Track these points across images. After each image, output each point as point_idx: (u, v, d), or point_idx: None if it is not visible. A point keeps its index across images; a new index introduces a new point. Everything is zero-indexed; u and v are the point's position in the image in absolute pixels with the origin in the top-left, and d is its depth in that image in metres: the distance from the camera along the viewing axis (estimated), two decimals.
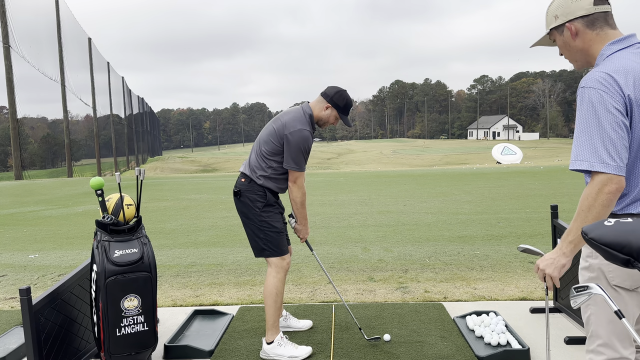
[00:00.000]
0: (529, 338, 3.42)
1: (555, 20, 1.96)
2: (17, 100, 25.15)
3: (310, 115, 3.24)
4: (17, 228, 9.34)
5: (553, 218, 3.90)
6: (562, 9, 1.93)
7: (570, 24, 1.92)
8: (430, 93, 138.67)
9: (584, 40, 1.92)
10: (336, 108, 3.26)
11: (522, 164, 31.73)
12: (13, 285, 5.31)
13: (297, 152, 3.13)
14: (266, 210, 3.22)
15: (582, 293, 1.83)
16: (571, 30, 1.92)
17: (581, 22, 1.90)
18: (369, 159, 58.13)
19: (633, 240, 1.73)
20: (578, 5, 1.89)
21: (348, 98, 3.28)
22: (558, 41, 2.01)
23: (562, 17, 1.94)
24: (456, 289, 4.67)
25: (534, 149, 61.16)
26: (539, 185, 14.32)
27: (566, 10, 1.92)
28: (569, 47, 1.97)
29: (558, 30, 1.98)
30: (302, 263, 5.73)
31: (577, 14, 1.90)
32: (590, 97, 1.76)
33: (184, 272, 5.59)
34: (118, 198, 3.08)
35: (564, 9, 1.93)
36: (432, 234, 7.43)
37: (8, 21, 24.35)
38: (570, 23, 1.92)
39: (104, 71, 43.95)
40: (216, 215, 10.14)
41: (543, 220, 8.14)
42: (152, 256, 3.02)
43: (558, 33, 1.99)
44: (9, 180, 26.52)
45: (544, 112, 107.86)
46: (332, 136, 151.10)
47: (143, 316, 2.95)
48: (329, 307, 4.13)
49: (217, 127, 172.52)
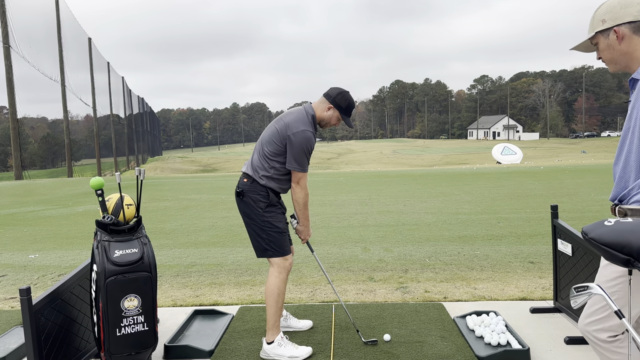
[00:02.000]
0: (529, 338, 3.43)
1: (603, 24, 2.07)
2: (17, 100, 25.18)
3: (312, 116, 3.24)
4: (17, 228, 9.34)
5: (553, 218, 3.90)
6: (611, 13, 2.05)
7: (617, 28, 2.04)
8: (430, 93, 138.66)
9: (629, 44, 2.04)
10: (338, 109, 3.26)
11: (522, 164, 31.73)
12: (13, 285, 5.31)
13: (300, 153, 3.14)
14: (269, 210, 3.22)
15: (582, 293, 1.83)
16: (618, 34, 2.04)
17: (628, 27, 2.03)
18: (369, 159, 58.13)
19: (633, 240, 1.74)
20: (626, 11, 2.02)
21: (350, 99, 3.29)
22: (601, 44, 2.12)
23: (610, 22, 2.06)
24: (456, 289, 4.67)
25: (534, 149, 61.16)
26: (539, 185, 14.32)
27: (614, 15, 2.04)
28: (613, 50, 2.09)
29: (604, 34, 2.10)
30: (302, 263, 5.73)
31: (625, 20, 2.02)
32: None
33: (184, 272, 5.59)
34: (118, 198, 3.08)
35: (613, 14, 2.05)
36: (432, 234, 7.43)
37: (8, 21, 24.36)
38: (618, 27, 2.04)
39: (104, 71, 43.98)
40: (216, 215, 10.14)
41: (543, 220, 8.14)
42: (152, 256, 3.01)
43: (603, 36, 2.10)
44: (9, 180, 26.52)
45: (544, 112, 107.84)
46: (332, 136, 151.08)
47: (143, 316, 2.95)
48: (329, 307, 4.13)
49: (217, 127, 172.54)
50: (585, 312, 2.16)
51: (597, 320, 2.08)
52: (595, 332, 2.08)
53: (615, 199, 2.14)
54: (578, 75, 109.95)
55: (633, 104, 2.07)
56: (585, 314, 2.15)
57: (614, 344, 2.06)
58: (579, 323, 2.20)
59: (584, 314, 2.17)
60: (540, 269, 5.24)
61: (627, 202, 2.07)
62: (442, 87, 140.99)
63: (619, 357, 2.06)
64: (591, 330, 2.10)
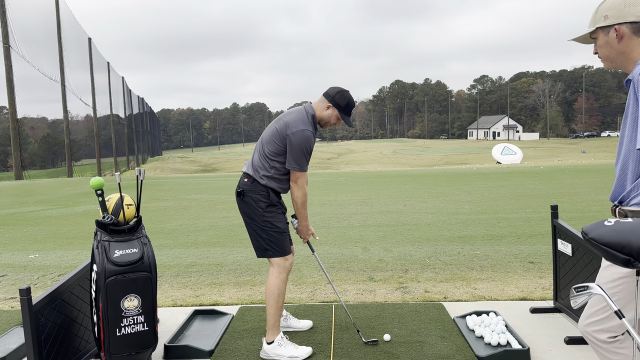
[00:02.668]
0: (529, 338, 3.43)
1: (605, 20, 2.06)
2: (17, 100, 25.16)
3: (312, 115, 3.24)
4: (17, 228, 9.34)
5: (553, 218, 3.90)
6: (614, 10, 2.04)
7: (618, 27, 2.03)
8: (430, 93, 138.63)
9: (627, 44, 2.04)
10: (337, 108, 3.26)
11: (522, 164, 31.73)
12: (13, 285, 5.31)
13: (299, 153, 3.14)
14: (269, 210, 3.22)
15: (582, 293, 1.83)
16: (618, 32, 2.04)
17: (629, 27, 2.02)
18: (369, 159, 58.12)
19: (633, 240, 1.73)
20: (630, 10, 2.01)
21: (350, 98, 3.28)
22: (600, 40, 2.11)
23: (612, 19, 2.04)
24: (456, 289, 4.67)
25: (534, 149, 61.15)
26: (539, 185, 14.32)
27: (617, 12, 2.03)
28: (611, 48, 2.09)
29: (604, 30, 2.09)
30: (302, 263, 5.73)
31: (628, 19, 2.01)
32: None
33: (184, 272, 5.59)
34: (118, 198, 3.08)
35: (616, 11, 2.03)
36: (432, 234, 7.43)
37: (8, 21, 24.35)
38: (619, 26, 2.03)
39: (104, 71, 43.96)
40: (216, 215, 10.14)
41: (543, 220, 8.14)
42: (152, 256, 3.01)
43: (603, 33, 2.09)
44: (9, 180, 26.52)
45: (544, 112, 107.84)
46: (332, 136, 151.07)
47: (143, 316, 2.95)
48: (329, 307, 4.13)
49: (217, 127, 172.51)
50: (586, 313, 2.16)
51: (598, 321, 2.08)
52: (596, 332, 2.08)
53: (615, 200, 2.15)
54: (578, 75, 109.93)
55: (627, 104, 2.07)
56: (586, 314, 2.16)
57: (613, 344, 2.06)
58: (579, 324, 2.20)
59: (584, 315, 2.17)
60: (540, 269, 5.24)
61: (626, 203, 2.07)
62: (442, 87, 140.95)
63: (619, 357, 2.07)
64: (591, 331, 2.10)
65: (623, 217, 2.07)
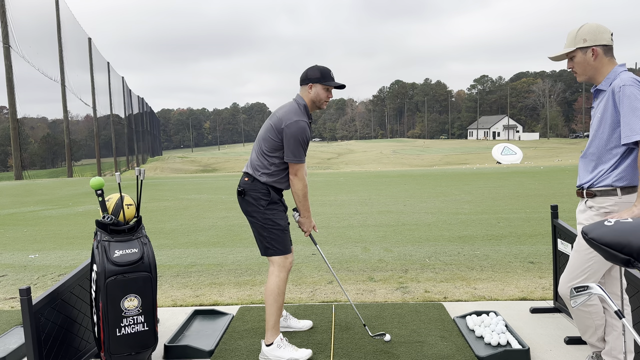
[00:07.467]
0: (529, 338, 3.43)
1: (584, 42, 2.60)
2: (17, 100, 25.18)
3: (304, 105, 3.26)
4: (17, 228, 9.34)
5: (553, 218, 3.90)
6: (592, 35, 2.59)
7: (595, 48, 2.59)
8: (430, 93, 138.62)
9: (600, 62, 2.61)
10: (317, 81, 3.26)
11: (522, 164, 31.73)
12: (13, 285, 5.31)
13: (296, 144, 3.15)
14: (270, 208, 3.23)
15: (582, 293, 1.84)
16: (595, 52, 2.59)
17: (602, 48, 2.59)
18: (369, 159, 58.15)
19: (633, 240, 1.74)
20: (602, 36, 2.59)
21: (321, 67, 3.29)
22: (578, 57, 2.64)
23: (590, 41, 2.59)
24: (456, 289, 4.67)
25: (534, 149, 61.18)
26: (539, 185, 14.32)
27: (594, 37, 2.59)
28: (587, 64, 2.63)
29: (582, 50, 2.62)
30: (302, 263, 5.73)
31: (602, 42, 2.58)
32: (632, 91, 2.44)
33: (184, 272, 5.59)
34: (118, 198, 3.08)
35: (593, 35, 2.59)
36: (432, 234, 7.43)
37: (8, 21, 24.36)
38: (596, 47, 2.58)
39: (104, 71, 43.97)
40: (216, 215, 10.15)
41: (543, 220, 8.14)
42: (152, 256, 3.01)
43: (582, 52, 2.62)
44: (9, 180, 26.53)
45: (544, 112, 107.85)
46: (332, 136, 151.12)
47: (143, 316, 2.95)
48: (329, 307, 4.13)
49: (217, 127, 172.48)
50: (566, 277, 2.68)
51: (577, 283, 2.57)
52: None
53: (583, 184, 2.71)
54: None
55: (595, 110, 2.68)
56: (566, 279, 2.67)
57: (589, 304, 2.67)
58: (560, 287, 2.71)
59: (564, 279, 2.69)
60: (540, 269, 5.24)
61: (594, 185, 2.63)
62: (442, 87, 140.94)
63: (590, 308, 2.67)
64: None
65: (591, 197, 2.62)
